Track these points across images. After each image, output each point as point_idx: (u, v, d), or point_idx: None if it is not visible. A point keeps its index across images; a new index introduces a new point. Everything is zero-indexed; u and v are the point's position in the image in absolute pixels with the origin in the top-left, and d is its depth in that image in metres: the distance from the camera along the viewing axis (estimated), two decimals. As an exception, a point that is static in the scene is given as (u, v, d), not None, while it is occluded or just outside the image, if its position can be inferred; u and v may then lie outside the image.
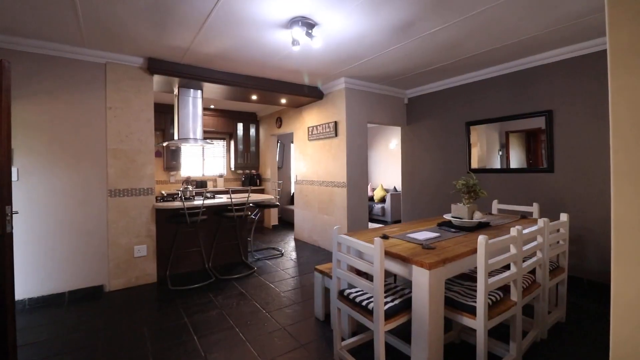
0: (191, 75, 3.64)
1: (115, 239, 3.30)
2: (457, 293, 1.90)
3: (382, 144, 7.86)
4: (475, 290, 1.84)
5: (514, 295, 1.90)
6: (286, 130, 5.93)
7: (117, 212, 3.31)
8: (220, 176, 6.77)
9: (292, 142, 7.40)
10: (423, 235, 2.17)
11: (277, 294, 3.12)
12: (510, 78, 3.71)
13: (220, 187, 6.56)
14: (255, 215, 4.82)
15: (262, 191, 6.72)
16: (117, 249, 3.30)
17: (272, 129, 6.44)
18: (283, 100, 4.86)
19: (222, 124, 6.50)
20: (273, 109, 6.27)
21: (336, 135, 4.47)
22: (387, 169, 8.04)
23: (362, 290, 1.90)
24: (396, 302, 1.78)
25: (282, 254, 4.53)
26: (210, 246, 3.98)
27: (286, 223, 6.98)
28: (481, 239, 1.68)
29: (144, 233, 3.44)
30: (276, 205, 4.52)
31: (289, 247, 4.98)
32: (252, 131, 6.92)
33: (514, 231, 1.88)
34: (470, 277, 2.28)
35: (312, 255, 4.43)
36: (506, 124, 3.78)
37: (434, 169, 4.62)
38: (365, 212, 4.52)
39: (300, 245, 5.07)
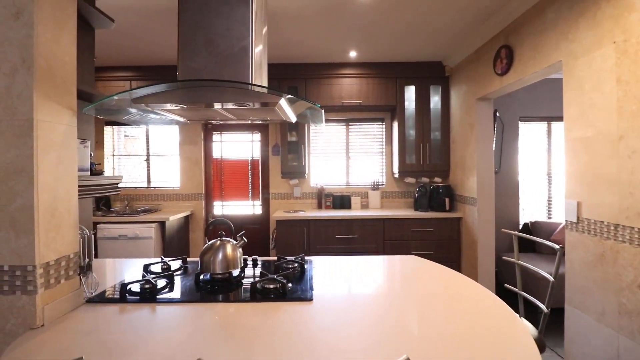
0: None
1: None
2: None
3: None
4: None
5: None
6: (529, 73, 2.21)
7: None
8: (376, 188, 3.76)
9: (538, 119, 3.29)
10: None
11: None
12: None
13: (375, 211, 3.57)
14: None
15: (456, 226, 3.21)
16: None
17: (482, 84, 2.81)
18: None
19: (374, 91, 3.47)
20: (488, 32, 2.66)
21: None
22: None
23: None
24: None
25: None
26: None
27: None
28: None
29: None
30: None
31: None
32: (435, 99, 3.51)
33: None
34: None
35: None
36: None
37: None
38: None
39: None
